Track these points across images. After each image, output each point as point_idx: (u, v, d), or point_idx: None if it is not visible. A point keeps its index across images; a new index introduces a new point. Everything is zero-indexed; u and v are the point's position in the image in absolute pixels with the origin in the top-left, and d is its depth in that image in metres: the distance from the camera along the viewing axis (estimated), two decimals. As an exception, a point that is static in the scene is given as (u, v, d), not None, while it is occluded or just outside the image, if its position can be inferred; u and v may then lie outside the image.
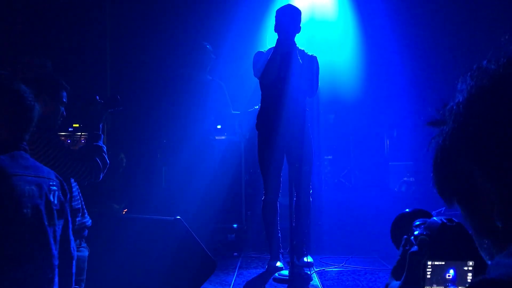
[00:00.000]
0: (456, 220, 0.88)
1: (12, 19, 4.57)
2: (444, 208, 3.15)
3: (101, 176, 2.37)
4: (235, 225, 4.48)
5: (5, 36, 4.44)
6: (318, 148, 4.74)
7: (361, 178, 5.49)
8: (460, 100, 0.69)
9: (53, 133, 2.33)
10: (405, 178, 5.50)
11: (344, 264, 3.74)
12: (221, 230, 4.51)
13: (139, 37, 5.29)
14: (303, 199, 3.57)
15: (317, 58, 3.60)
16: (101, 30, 5.15)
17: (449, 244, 0.88)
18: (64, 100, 2.41)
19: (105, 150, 2.42)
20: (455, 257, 0.89)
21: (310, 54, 3.60)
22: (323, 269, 3.58)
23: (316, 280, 3.30)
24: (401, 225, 1.03)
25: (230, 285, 3.21)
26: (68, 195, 1.77)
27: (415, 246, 0.90)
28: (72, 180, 2.35)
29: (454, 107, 0.70)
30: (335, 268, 3.64)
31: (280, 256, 3.62)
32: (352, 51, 5.35)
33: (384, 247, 4.14)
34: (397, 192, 5.51)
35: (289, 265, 3.21)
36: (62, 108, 2.40)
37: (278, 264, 3.53)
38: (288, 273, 3.20)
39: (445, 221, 0.90)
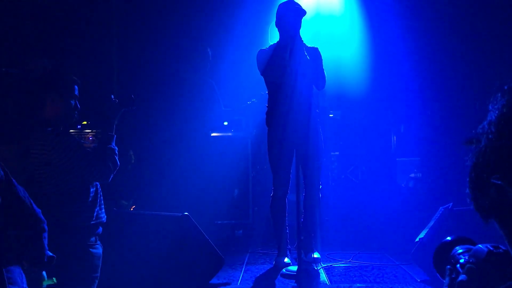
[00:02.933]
0: (502, 247, 0.87)
1: (18, 19, 4.61)
2: (451, 203, 3.15)
3: (111, 178, 2.40)
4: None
5: (12, 37, 4.47)
6: (325, 144, 4.73)
7: (368, 174, 5.47)
8: (492, 119, 0.72)
9: (69, 134, 2.35)
10: (413, 174, 5.49)
11: (351, 260, 3.75)
12: (228, 226, 4.53)
13: (145, 37, 5.32)
14: (312, 195, 3.57)
15: (319, 49, 3.59)
16: (107, 29, 5.19)
17: (496, 272, 0.86)
18: (76, 94, 2.44)
19: (116, 152, 2.45)
20: (503, 285, 0.87)
21: (311, 46, 3.60)
22: (331, 265, 3.59)
23: (323, 276, 3.31)
24: (444, 253, 1.01)
25: (237, 280, 3.23)
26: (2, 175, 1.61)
27: (463, 275, 0.88)
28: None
29: (486, 126, 0.73)
30: (343, 264, 3.64)
31: (288, 252, 3.64)
32: (358, 46, 5.33)
33: (391, 242, 4.15)
34: (405, 188, 5.49)
35: (297, 261, 3.21)
36: (73, 102, 2.43)
37: (286, 260, 3.54)
38: (296, 269, 3.21)
39: (491, 248, 0.87)
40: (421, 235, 3.17)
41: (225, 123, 4.69)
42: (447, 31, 4.95)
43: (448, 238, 1.04)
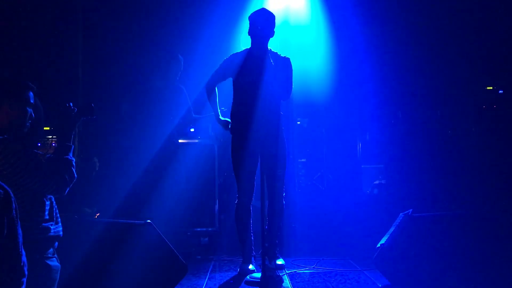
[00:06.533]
0: None
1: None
2: (411, 210, 3.22)
3: (66, 191, 2.28)
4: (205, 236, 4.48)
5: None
6: (292, 152, 4.79)
7: (334, 181, 5.57)
8: None
9: (22, 144, 2.22)
10: (377, 181, 5.60)
11: (315, 266, 3.79)
12: (194, 234, 4.51)
13: (114, 42, 5.27)
14: (276, 202, 3.59)
15: (290, 60, 3.63)
16: (73, 33, 5.11)
17: None
18: (31, 102, 2.33)
19: (74, 163, 2.31)
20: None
21: (283, 56, 3.63)
22: (295, 271, 3.62)
23: (287, 282, 3.33)
24: None
25: (201, 288, 3.22)
26: (14, 208, 1.62)
27: None
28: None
29: None
30: (307, 270, 3.68)
31: (253, 259, 3.65)
32: (325, 56, 5.42)
33: (355, 249, 4.22)
34: (369, 195, 5.60)
35: (261, 267, 3.22)
36: (30, 110, 2.31)
37: (250, 267, 3.55)
38: (260, 275, 3.22)
39: None
40: (382, 241, 3.23)
41: (192, 130, 4.68)
42: (409, 41, 5.10)
43: None
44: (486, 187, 4.80)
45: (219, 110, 3.74)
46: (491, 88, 5.28)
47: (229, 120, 3.68)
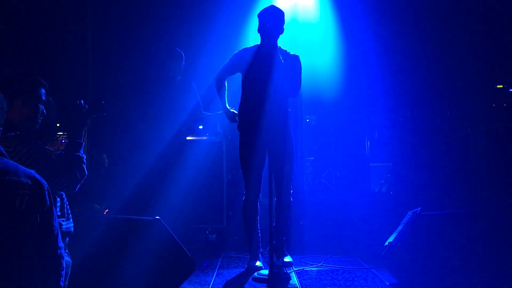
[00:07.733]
0: None
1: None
2: (420, 208, 3.21)
3: (77, 188, 2.30)
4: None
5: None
6: (300, 149, 4.79)
7: (342, 179, 5.56)
8: None
9: (35, 140, 2.23)
10: (385, 179, 5.58)
11: (323, 263, 3.79)
12: (202, 230, 4.54)
13: (122, 37, 5.29)
14: (284, 199, 3.60)
15: (299, 58, 3.63)
16: (82, 30, 5.14)
17: None
18: (43, 98, 2.35)
19: (84, 160, 2.33)
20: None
21: (293, 53, 3.63)
22: (302, 269, 3.62)
23: (294, 280, 3.33)
24: None
25: (209, 284, 3.23)
26: (47, 200, 1.68)
27: None
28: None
29: None
30: (314, 267, 3.68)
31: (260, 255, 3.65)
32: (333, 53, 5.41)
33: (363, 247, 4.21)
34: (377, 193, 5.58)
35: (269, 264, 3.23)
36: (42, 107, 2.34)
37: (258, 263, 3.56)
38: (268, 272, 3.23)
39: None
40: (390, 239, 3.22)
41: (200, 127, 4.69)
42: (418, 39, 5.07)
43: None
44: (495, 186, 4.78)
45: (227, 103, 3.74)
46: (501, 86, 5.24)
47: (236, 111, 3.68)
